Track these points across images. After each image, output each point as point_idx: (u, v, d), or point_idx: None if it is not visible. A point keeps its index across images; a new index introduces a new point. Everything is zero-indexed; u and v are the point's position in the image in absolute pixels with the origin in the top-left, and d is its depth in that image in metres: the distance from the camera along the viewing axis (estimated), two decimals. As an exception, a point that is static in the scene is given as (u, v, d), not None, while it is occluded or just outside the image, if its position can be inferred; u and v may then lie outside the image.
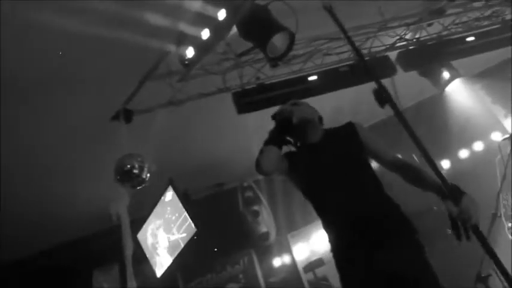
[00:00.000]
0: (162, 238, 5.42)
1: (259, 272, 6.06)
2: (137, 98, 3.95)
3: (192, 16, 3.29)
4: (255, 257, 6.17)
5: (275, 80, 4.22)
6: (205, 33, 3.37)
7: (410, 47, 4.64)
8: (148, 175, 3.88)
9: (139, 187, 3.92)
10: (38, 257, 5.69)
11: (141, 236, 5.69)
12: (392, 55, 4.59)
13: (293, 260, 6.07)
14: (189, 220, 4.92)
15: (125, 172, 3.80)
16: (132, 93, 3.90)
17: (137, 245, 5.48)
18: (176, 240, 5.17)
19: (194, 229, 4.86)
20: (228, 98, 4.07)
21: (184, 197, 5.21)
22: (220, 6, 3.23)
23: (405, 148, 2.53)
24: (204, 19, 3.27)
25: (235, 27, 3.34)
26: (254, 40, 3.41)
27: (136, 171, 3.80)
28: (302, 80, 4.22)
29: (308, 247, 6.07)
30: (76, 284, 5.84)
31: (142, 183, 3.89)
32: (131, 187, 3.90)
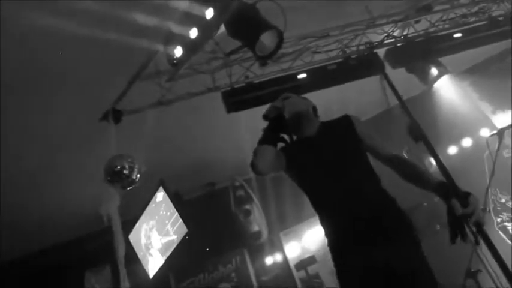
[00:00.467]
0: (155, 239, 5.40)
1: (251, 271, 6.06)
2: (126, 98, 3.94)
3: (180, 15, 3.28)
4: (247, 256, 6.17)
5: (264, 79, 4.21)
6: (193, 32, 3.35)
7: (398, 44, 4.66)
8: (138, 176, 3.87)
9: (129, 188, 3.90)
10: (30, 259, 5.66)
11: (133, 237, 5.67)
12: (380, 52, 4.61)
13: (285, 258, 6.08)
14: (181, 220, 4.91)
15: (115, 173, 3.78)
16: (121, 93, 3.88)
17: (129, 246, 5.46)
18: (168, 240, 5.16)
19: (186, 229, 4.85)
20: (218, 97, 4.06)
21: (175, 198, 5.20)
22: (208, 5, 3.22)
23: (395, 144, 2.55)
24: (192, 18, 3.26)
25: (223, 26, 3.33)
26: (242, 39, 3.40)
27: (126, 171, 3.78)
28: (291, 78, 4.21)
29: (300, 245, 6.08)
30: (68, 285, 5.81)
31: (132, 183, 3.87)
32: (121, 188, 3.88)
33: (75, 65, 3.44)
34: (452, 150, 5.90)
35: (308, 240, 5.98)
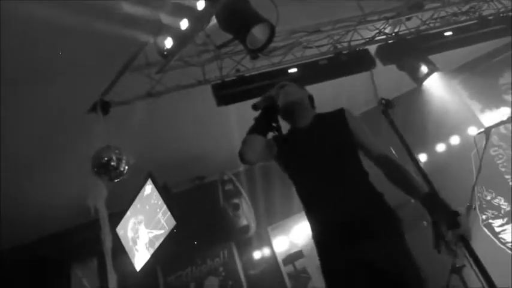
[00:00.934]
0: (143, 232, 5.38)
1: (239, 265, 6.07)
2: (115, 90, 3.89)
3: (171, 6, 3.24)
4: (235, 250, 6.16)
5: (255, 72, 4.20)
6: (184, 23, 3.33)
7: (389, 41, 4.67)
8: (126, 168, 3.83)
9: (117, 180, 3.86)
10: (16, 251, 5.59)
11: (121, 230, 5.63)
12: (371, 49, 4.62)
13: (273, 253, 6.09)
14: (169, 213, 4.88)
15: (102, 164, 3.74)
16: (110, 84, 3.83)
17: (116, 239, 5.43)
18: (156, 233, 5.14)
19: (174, 222, 4.83)
20: (208, 90, 4.04)
21: (164, 190, 5.17)
22: (199, -4, 3.20)
23: (384, 141, 2.55)
24: (183, 9, 3.23)
25: (214, 18, 3.30)
26: (234, 31, 3.37)
27: (114, 163, 3.74)
28: (282, 72, 4.21)
29: (288, 240, 6.10)
30: (54, 277, 5.77)
31: (120, 175, 3.84)
32: (109, 180, 3.84)
33: (63, 56, 3.37)
34: (440, 147, 5.95)
35: (296, 235, 5.99)
